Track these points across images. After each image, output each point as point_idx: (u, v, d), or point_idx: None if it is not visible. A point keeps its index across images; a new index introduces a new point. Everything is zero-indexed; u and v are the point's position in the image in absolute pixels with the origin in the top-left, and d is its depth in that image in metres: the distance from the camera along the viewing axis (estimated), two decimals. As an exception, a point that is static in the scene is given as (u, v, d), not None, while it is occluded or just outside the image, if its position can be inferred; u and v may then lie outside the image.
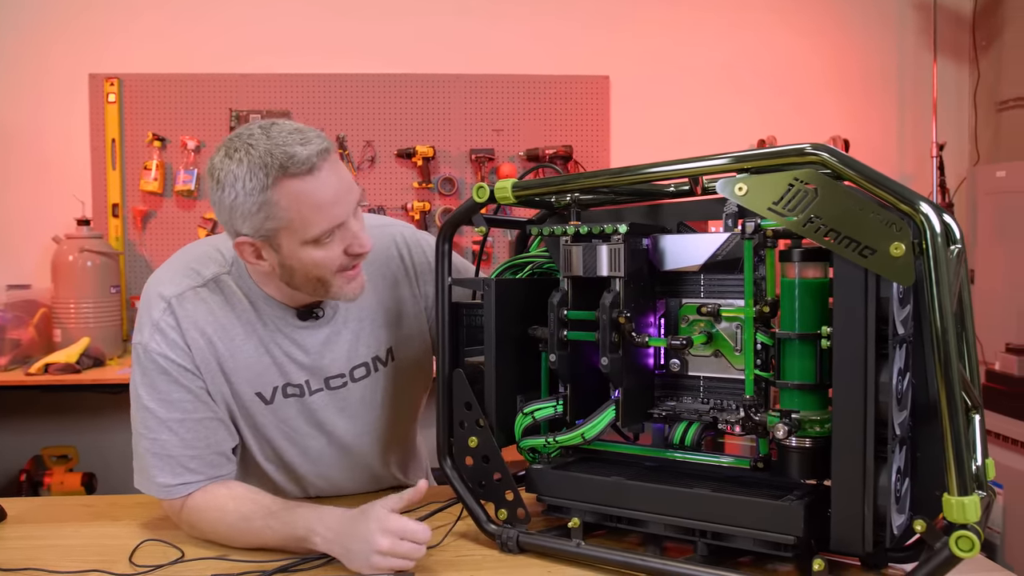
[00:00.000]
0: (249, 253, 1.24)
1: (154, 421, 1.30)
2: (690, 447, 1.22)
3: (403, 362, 1.47)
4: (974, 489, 0.94)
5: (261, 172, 1.15)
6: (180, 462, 1.30)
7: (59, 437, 3.54)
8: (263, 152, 1.15)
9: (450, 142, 3.80)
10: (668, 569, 1.12)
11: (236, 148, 1.18)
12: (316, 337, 1.37)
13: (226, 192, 1.18)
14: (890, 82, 3.97)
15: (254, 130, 1.19)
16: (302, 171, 1.15)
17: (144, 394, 1.31)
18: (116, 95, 3.66)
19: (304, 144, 1.16)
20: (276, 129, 1.18)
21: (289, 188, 1.16)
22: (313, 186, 1.17)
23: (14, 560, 1.23)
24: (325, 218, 1.19)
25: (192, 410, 1.31)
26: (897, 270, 0.97)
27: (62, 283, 3.38)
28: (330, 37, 3.76)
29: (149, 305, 1.32)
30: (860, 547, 1.03)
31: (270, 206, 1.17)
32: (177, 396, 1.30)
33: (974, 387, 1.04)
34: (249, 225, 1.19)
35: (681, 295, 1.25)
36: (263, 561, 1.21)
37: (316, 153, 1.16)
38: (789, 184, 1.02)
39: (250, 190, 1.16)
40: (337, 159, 1.22)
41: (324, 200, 1.18)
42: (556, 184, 1.24)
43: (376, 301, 1.42)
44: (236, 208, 1.18)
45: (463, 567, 1.20)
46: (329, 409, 1.41)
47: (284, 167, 1.15)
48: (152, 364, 1.30)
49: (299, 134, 1.18)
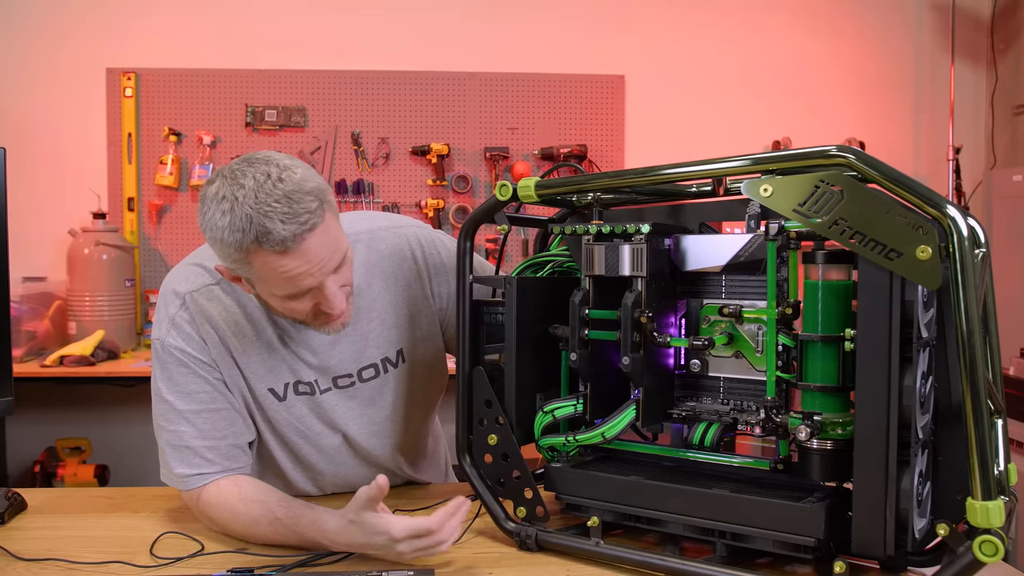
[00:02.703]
0: (228, 277, 1.26)
1: (173, 413, 1.32)
2: (709, 448, 1.22)
3: (415, 364, 1.47)
4: (998, 494, 0.94)
5: (239, 233, 1.14)
6: (197, 452, 1.32)
7: (73, 429, 3.56)
8: (244, 216, 1.13)
9: (465, 140, 3.80)
10: (687, 569, 1.12)
11: (224, 197, 1.15)
12: (323, 337, 1.37)
13: (207, 229, 1.18)
14: (907, 84, 3.96)
15: (248, 181, 1.14)
16: (276, 249, 1.14)
17: (163, 387, 1.33)
18: (133, 89, 3.68)
19: (287, 221, 1.13)
20: (267, 189, 1.13)
21: (261, 257, 1.15)
22: (285, 262, 1.16)
23: (36, 550, 1.24)
24: (295, 287, 1.19)
25: (209, 401, 1.33)
26: (923, 273, 0.97)
27: (77, 276, 3.40)
28: (346, 33, 3.77)
29: (166, 302, 1.35)
30: (881, 550, 1.03)
31: (243, 263, 1.18)
32: (195, 387, 1.32)
33: (997, 391, 1.04)
34: (226, 262, 1.21)
35: (702, 296, 1.25)
36: (282, 555, 1.22)
37: (293, 236, 1.13)
38: (815, 186, 1.02)
39: (227, 243, 1.16)
40: (326, 228, 1.17)
41: (295, 274, 1.17)
42: (579, 183, 1.24)
43: (387, 302, 1.43)
44: (215, 244, 1.19)
45: (481, 565, 1.20)
46: (340, 408, 1.42)
47: (259, 241, 1.13)
48: (170, 358, 1.32)
49: (287, 203, 1.13)
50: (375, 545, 1.17)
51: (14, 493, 1.42)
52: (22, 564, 1.20)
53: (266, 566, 1.18)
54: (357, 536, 1.17)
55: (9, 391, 1.50)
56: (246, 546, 1.26)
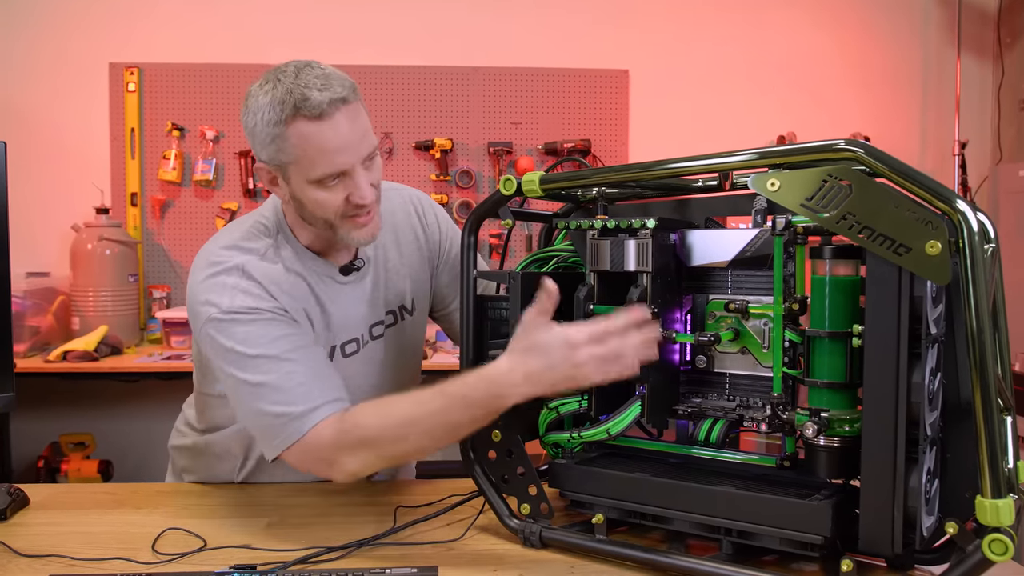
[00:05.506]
0: (266, 179, 1.32)
1: (269, 363, 1.25)
2: (715, 444, 1.21)
3: (420, 313, 1.57)
4: (1007, 492, 0.93)
5: (279, 107, 1.22)
6: (315, 384, 1.24)
7: (76, 424, 3.57)
8: (285, 90, 1.22)
9: (468, 135, 3.79)
10: (693, 567, 1.11)
11: (268, 80, 1.26)
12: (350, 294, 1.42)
13: (249, 117, 1.27)
14: (912, 79, 3.94)
15: (290, 68, 1.25)
16: (312, 115, 1.21)
17: (247, 349, 1.26)
18: (136, 84, 3.67)
19: (323, 90, 1.22)
20: (307, 71, 1.24)
21: (299, 128, 1.22)
22: (320, 130, 1.22)
23: (38, 546, 1.24)
24: (328, 163, 1.24)
25: (300, 337, 1.30)
26: (932, 268, 0.96)
27: (80, 271, 3.40)
28: (349, 28, 3.76)
29: (220, 279, 1.31)
30: (889, 548, 1.02)
31: (281, 140, 1.24)
32: (281, 332, 1.28)
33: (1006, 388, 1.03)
34: (265, 153, 1.27)
35: (708, 291, 1.24)
36: (285, 550, 1.21)
37: (329, 101, 1.22)
38: (823, 180, 1.01)
39: (267, 121, 1.24)
40: (358, 109, 1.27)
41: (329, 146, 1.23)
42: (584, 177, 1.23)
43: (398, 255, 1.50)
44: (255, 135, 1.27)
45: (485, 561, 1.20)
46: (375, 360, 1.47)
47: (297, 107, 1.21)
48: (244, 317, 1.27)
49: (323, 79, 1.23)
50: (554, 364, 1.08)
51: (16, 489, 1.42)
52: (24, 560, 1.20)
53: (269, 562, 1.18)
54: (533, 362, 1.10)
55: (11, 387, 1.50)
56: (249, 541, 1.25)
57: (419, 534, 1.28)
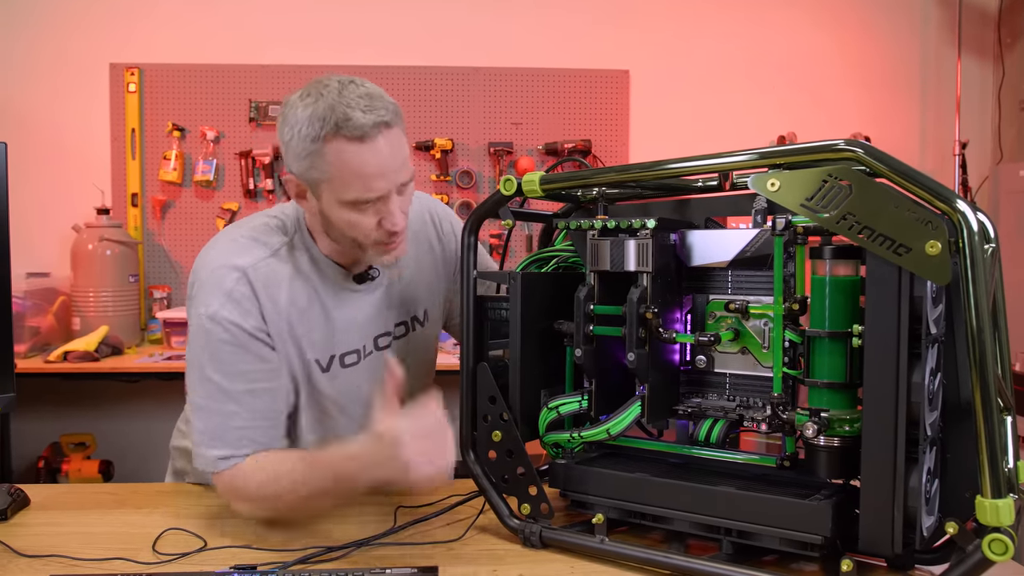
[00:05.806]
0: (293, 191, 1.30)
1: (218, 393, 1.29)
2: (715, 444, 1.21)
3: (433, 323, 1.55)
4: (1007, 492, 0.93)
5: (319, 123, 1.20)
6: (244, 433, 1.29)
7: (77, 424, 3.57)
8: (327, 107, 1.20)
9: (468, 135, 3.79)
10: (693, 567, 1.11)
11: (310, 93, 1.23)
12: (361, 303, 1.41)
13: (286, 129, 1.24)
14: (913, 79, 3.94)
15: (333, 82, 1.23)
16: (353, 136, 1.20)
17: (208, 365, 1.29)
18: (136, 85, 3.67)
19: (367, 112, 1.20)
20: (351, 89, 1.22)
21: (337, 147, 1.20)
22: (359, 152, 1.20)
23: (38, 547, 1.24)
24: (363, 187, 1.22)
25: (260, 379, 1.31)
26: (932, 268, 0.96)
27: (81, 271, 3.40)
28: (349, 28, 3.76)
29: (219, 277, 1.31)
30: (889, 548, 1.02)
31: (317, 156, 1.22)
32: (245, 367, 1.30)
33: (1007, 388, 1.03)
34: (297, 166, 1.25)
35: (708, 291, 1.24)
36: (284, 551, 1.21)
37: (373, 124, 1.20)
38: (823, 180, 1.01)
39: (304, 136, 1.21)
40: (399, 136, 1.25)
41: (367, 170, 1.21)
42: (584, 178, 1.23)
43: (414, 265, 1.49)
44: (290, 147, 1.24)
45: (485, 561, 1.20)
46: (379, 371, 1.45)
47: (338, 127, 1.19)
48: (221, 332, 1.28)
49: (368, 100, 1.21)
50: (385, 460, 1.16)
51: (17, 489, 1.42)
52: (24, 560, 1.20)
53: (269, 563, 1.18)
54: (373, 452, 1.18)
55: (11, 387, 1.49)
56: (250, 541, 1.25)
57: (419, 534, 1.28)
